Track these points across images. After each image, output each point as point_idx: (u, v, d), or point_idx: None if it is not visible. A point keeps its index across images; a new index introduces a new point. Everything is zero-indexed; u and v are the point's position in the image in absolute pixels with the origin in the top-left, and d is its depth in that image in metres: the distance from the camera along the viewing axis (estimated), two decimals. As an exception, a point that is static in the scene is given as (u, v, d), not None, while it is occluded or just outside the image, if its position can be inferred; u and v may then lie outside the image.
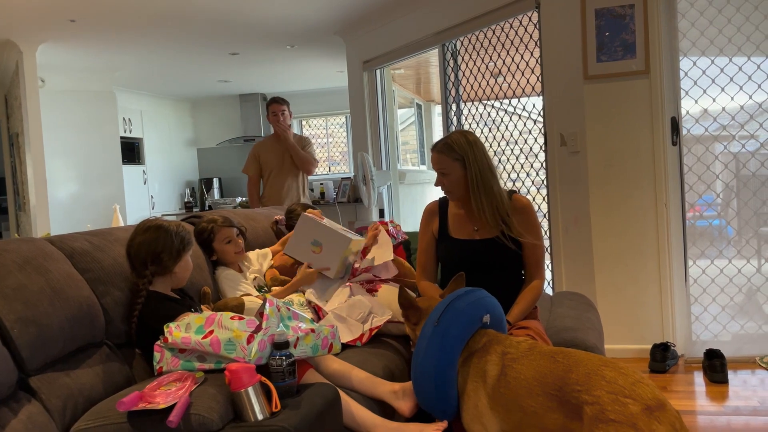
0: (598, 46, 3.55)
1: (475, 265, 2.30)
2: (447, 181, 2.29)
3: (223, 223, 2.51)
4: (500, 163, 4.47)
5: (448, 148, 2.26)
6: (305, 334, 1.78)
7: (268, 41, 5.94)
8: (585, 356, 1.64)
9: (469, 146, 2.25)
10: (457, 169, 2.26)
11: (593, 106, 3.61)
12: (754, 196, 3.56)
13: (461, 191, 2.29)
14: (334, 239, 2.55)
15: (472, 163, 2.24)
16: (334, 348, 1.87)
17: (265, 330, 1.68)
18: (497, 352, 1.76)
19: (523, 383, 1.65)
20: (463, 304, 1.86)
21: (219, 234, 2.50)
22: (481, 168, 2.24)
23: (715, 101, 3.52)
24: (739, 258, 3.60)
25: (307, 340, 1.78)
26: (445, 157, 2.27)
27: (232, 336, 1.65)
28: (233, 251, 2.52)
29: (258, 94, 8.87)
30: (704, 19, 3.44)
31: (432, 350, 1.79)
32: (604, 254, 3.66)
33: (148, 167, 8.12)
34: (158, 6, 4.67)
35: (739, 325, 3.57)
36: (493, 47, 4.33)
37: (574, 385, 1.55)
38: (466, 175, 2.25)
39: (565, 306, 2.82)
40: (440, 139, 2.34)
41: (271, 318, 1.73)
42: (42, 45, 5.41)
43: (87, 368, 1.74)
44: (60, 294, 1.68)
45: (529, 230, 2.30)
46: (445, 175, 2.28)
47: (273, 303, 1.78)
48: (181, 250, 1.98)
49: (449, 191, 2.32)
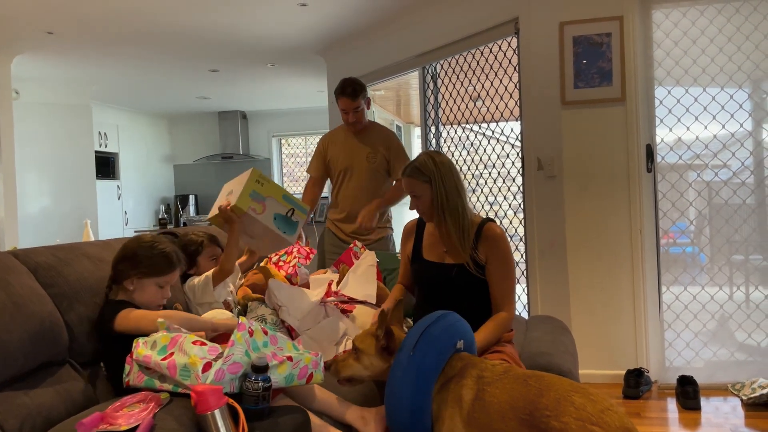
0: (576, 72, 3.60)
1: (445, 289, 2.30)
2: (419, 203, 2.31)
3: (212, 240, 2.51)
4: (478, 186, 4.48)
5: (416, 171, 2.29)
6: (279, 363, 1.68)
7: (249, 59, 5.93)
8: (557, 381, 1.63)
9: (436, 167, 2.27)
10: (427, 190, 2.27)
11: (570, 131, 3.65)
12: (726, 223, 3.61)
13: (431, 212, 2.31)
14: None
15: (438, 184, 2.25)
16: (314, 378, 1.76)
17: (226, 358, 1.59)
18: (473, 376, 1.74)
19: (497, 407, 1.64)
20: (437, 330, 1.82)
21: (207, 250, 2.48)
22: (447, 188, 2.26)
23: (689, 130, 3.57)
24: (711, 285, 3.64)
25: (281, 369, 1.68)
26: (414, 180, 2.29)
27: (188, 362, 1.58)
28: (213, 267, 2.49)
29: (237, 112, 8.84)
30: (679, 49, 3.51)
31: (408, 379, 1.75)
32: (580, 278, 3.67)
33: (122, 182, 8.02)
34: (138, 21, 4.64)
35: (711, 352, 3.60)
36: (472, 71, 4.37)
37: (543, 410, 1.54)
38: (432, 197, 2.27)
39: (540, 330, 2.81)
40: (409, 163, 2.36)
41: (238, 345, 1.63)
42: (18, 56, 5.34)
43: (47, 387, 1.67)
44: (21, 309, 1.62)
45: (497, 260, 2.26)
46: (417, 197, 2.30)
47: (244, 327, 1.69)
48: (144, 273, 1.89)
49: (422, 213, 2.34)
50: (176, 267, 1.98)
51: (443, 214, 2.26)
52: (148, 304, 1.92)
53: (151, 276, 1.91)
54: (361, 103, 3.59)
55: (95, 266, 1.98)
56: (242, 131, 8.93)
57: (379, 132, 3.77)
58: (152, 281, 1.92)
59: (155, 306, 1.95)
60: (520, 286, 4.04)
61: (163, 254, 1.94)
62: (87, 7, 4.29)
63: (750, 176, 3.59)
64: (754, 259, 3.66)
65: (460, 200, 2.27)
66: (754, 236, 3.60)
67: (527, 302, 3.92)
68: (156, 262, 1.92)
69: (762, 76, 3.50)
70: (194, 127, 9.07)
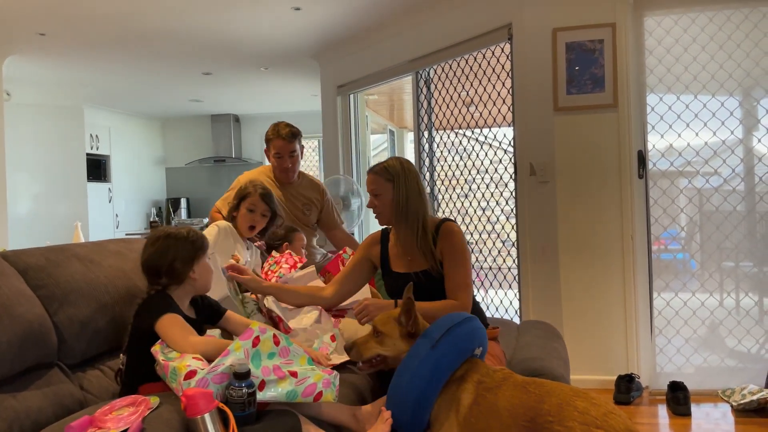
0: (568, 78, 3.61)
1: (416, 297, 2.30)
2: (378, 202, 2.34)
3: (261, 195, 2.71)
4: (471, 191, 4.49)
5: (382, 170, 2.33)
6: (280, 378, 1.61)
7: (242, 62, 5.92)
8: (557, 386, 1.63)
9: (402, 170, 2.31)
10: (388, 190, 2.31)
11: (563, 137, 3.66)
12: (717, 230, 3.63)
13: (389, 213, 2.33)
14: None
15: (401, 186, 2.29)
16: (324, 397, 1.65)
17: (213, 367, 1.55)
18: (473, 381, 1.74)
19: (495, 414, 1.63)
20: (463, 331, 1.81)
21: (250, 198, 2.69)
22: (409, 192, 2.29)
23: (681, 137, 3.59)
24: (702, 291, 3.65)
25: (282, 385, 1.61)
26: (378, 177, 2.33)
27: (177, 366, 1.58)
28: (247, 223, 2.69)
29: (230, 115, 8.82)
30: (671, 56, 3.53)
31: (423, 371, 1.73)
32: (571, 284, 3.68)
33: (114, 185, 7.98)
34: (131, 23, 4.62)
35: (702, 358, 3.61)
36: (465, 76, 4.37)
37: (546, 415, 1.54)
38: (393, 198, 2.30)
39: (531, 335, 2.81)
40: (378, 162, 2.40)
41: (232, 354, 1.59)
42: (9, 57, 5.30)
43: (36, 390, 1.65)
44: (9, 311, 1.61)
45: (450, 253, 2.26)
46: (377, 196, 2.33)
47: (249, 336, 1.63)
48: (194, 255, 1.91)
49: (379, 213, 2.36)
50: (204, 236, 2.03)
51: (401, 216, 2.29)
52: (211, 278, 1.98)
53: (202, 256, 1.94)
54: (297, 147, 3.37)
55: (85, 267, 1.97)
56: (235, 134, 8.90)
57: (311, 181, 3.56)
58: (205, 258, 1.96)
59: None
60: (512, 291, 4.04)
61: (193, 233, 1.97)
62: (79, 9, 4.27)
63: (740, 183, 3.61)
64: (744, 265, 3.68)
65: (421, 207, 2.31)
66: (744, 243, 3.61)
67: (519, 307, 3.92)
68: (198, 243, 1.95)
69: (752, 84, 3.52)
70: (187, 130, 9.04)
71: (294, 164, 3.39)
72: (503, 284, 4.38)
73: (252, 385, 1.56)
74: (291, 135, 3.34)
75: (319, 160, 9.20)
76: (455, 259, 2.26)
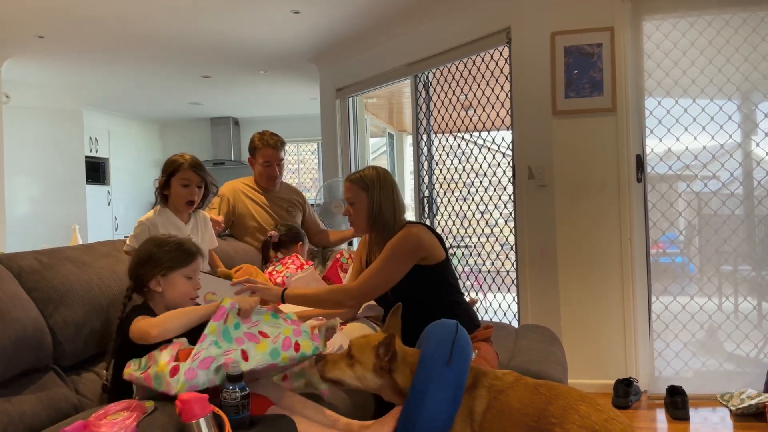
0: (567, 82, 3.61)
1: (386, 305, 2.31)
2: (353, 210, 2.35)
3: (191, 165, 2.43)
4: (469, 194, 4.48)
5: (358, 179, 2.34)
6: (256, 344, 1.61)
7: (242, 65, 5.92)
8: (566, 390, 1.65)
9: (378, 179, 2.32)
10: (363, 199, 2.31)
11: (561, 140, 3.66)
12: (716, 234, 3.62)
13: (363, 222, 2.34)
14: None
15: (376, 195, 2.30)
16: (303, 346, 1.67)
17: (195, 355, 1.55)
18: (485, 386, 1.71)
19: (507, 414, 1.64)
20: (463, 339, 1.73)
21: (181, 172, 2.42)
22: (383, 201, 2.30)
23: (679, 140, 3.59)
24: (700, 295, 3.65)
25: (261, 348, 1.60)
26: (353, 186, 2.33)
27: (158, 370, 1.57)
28: (184, 199, 2.44)
29: (230, 118, 8.83)
30: (669, 60, 3.53)
31: (446, 394, 1.63)
32: (570, 287, 3.67)
33: (113, 188, 7.97)
34: (130, 26, 4.62)
35: (700, 362, 3.60)
36: (464, 80, 4.37)
37: (550, 417, 1.57)
38: (367, 206, 2.31)
39: (529, 339, 2.81)
40: (354, 171, 2.43)
41: (209, 337, 1.59)
42: (8, 60, 5.30)
43: (30, 394, 1.65)
44: (4, 314, 1.60)
45: (384, 249, 2.24)
46: (352, 204, 2.34)
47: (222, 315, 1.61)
48: (166, 266, 1.84)
49: (353, 221, 2.38)
50: (196, 254, 1.91)
51: (375, 225, 2.30)
52: (182, 298, 1.85)
53: (175, 269, 1.85)
54: (283, 155, 3.49)
55: (79, 269, 1.96)
56: (234, 137, 8.91)
57: (289, 186, 3.71)
58: (178, 274, 1.86)
59: (188, 300, 1.87)
60: (511, 295, 4.03)
61: (179, 244, 1.89)
62: (79, 12, 4.27)
63: (739, 187, 3.61)
64: (743, 269, 3.67)
65: (395, 216, 2.31)
66: (743, 247, 3.61)
67: (517, 311, 3.91)
68: (175, 255, 1.86)
69: (751, 87, 3.52)
70: (186, 132, 9.04)
71: (281, 172, 3.51)
72: (501, 288, 4.38)
73: (245, 387, 1.56)
74: (279, 144, 3.45)
75: (318, 164, 9.20)
76: (385, 250, 2.24)
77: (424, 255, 2.25)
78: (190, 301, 1.88)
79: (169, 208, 2.49)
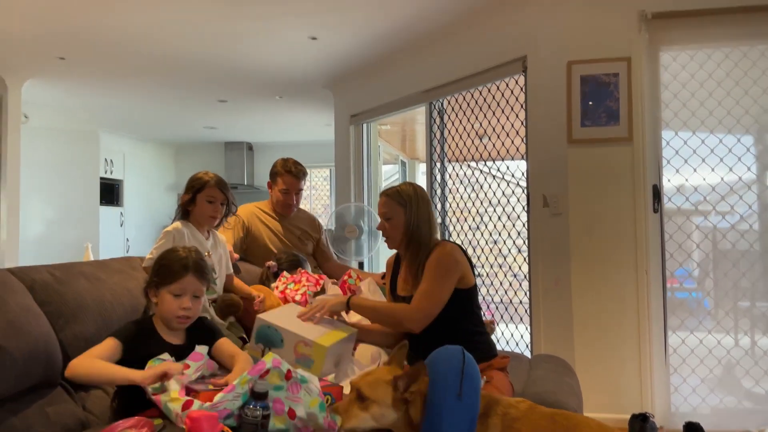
0: (583, 111, 3.60)
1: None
2: (389, 225, 2.33)
3: (217, 183, 2.52)
4: (483, 222, 4.46)
5: (395, 193, 2.33)
6: (276, 413, 1.53)
7: (258, 90, 5.98)
8: (583, 420, 1.60)
9: (415, 196, 2.32)
10: (400, 214, 2.30)
11: (576, 169, 3.63)
12: (733, 267, 3.56)
13: (399, 237, 2.32)
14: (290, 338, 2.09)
15: (414, 212, 2.29)
16: None
17: (215, 404, 1.49)
18: (498, 414, 1.67)
19: None
20: (471, 368, 1.68)
21: (207, 189, 2.49)
22: (420, 218, 2.29)
23: (696, 171, 3.56)
24: (718, 330, 3.57)
25: (278, 422, 1.53)
26: (390, 200, 2.32)
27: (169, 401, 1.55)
28: (208, 214, 2.51)
29: (244, 143, 8.89)
30: (686, 91, 3.52)
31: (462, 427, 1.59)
32: (584, 318, 3.61)
33: (126, 209, 8.02)
34: (149, 50, 4.69)
35: (718, 399, 3.51)
36: (479, 107, 4.38)
37: None
38: (405, 222, 2.29)
39: (543, 369, 2.75)
40: (390, 186, 2.40)
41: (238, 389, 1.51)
42: (29, 80, 5.39)
43: (38, 409, 1.62)
44: (16, 327, 1.58)
45: (428, 267, 2.21)
46: (388, 219, 2.33)
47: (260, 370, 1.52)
48: (157, 282, 1.82)
49: (388, 236, 2.35)
50: (186, 273, 1.83)
51: (410, 242, 2.29)
52: (169, 316, 1.81)
53: (163, 285, 1.82)
54: (303, 186, 3.48)
55: (92, 285, 1.95)
56: (248, 162, 8.96)
57: (308, 216, 3.68)
58: (166, 291, 1.82)
59: (176, 319, 1.83)
60: (523, 325, 3.97)
61: (177, 259, 1.85)
62: (100, 34, 4.34)
63: (756, 221, 3.56)
64: (761, 305, 3.60)
65: (431, 234, 2.30)
66: (760, 282, 3.54)
67: (530, 341, 3.85)
68: (166, 270, 1.83)
69: (769, 120, 3.50)
70: (200, 156, 9.11)
71: (298, 201, 3.50)
72: (514, 317, 4.32)
73: (268, 407, 1.52)
74: (302, 173, 3.44)
75: (329, 190, 9.22)
76: (429, 270, 2.21)
77: (460, 275, 2.24)
78: (176, 319, 1.83)
79: (192, 223, 2.54)
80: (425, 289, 2.19)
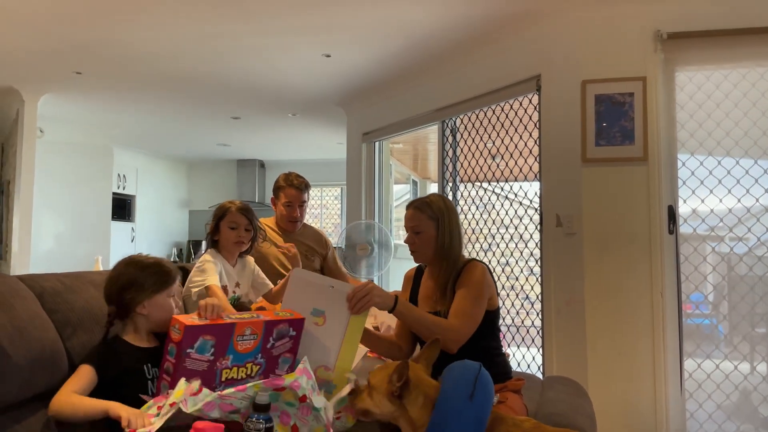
0: (597, 131, 3.58)
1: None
2: (418, 240, 2.25)
3: (238, 209, 2.56)
4: (494, 242, 4.42)
5: (425, 206, 2.25)
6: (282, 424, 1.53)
7: (271, 108, 6.01)
8: None
9: (446, 209, 2.25)
10: (431, 228, 2.23)
11: (590, 189, 3.60)
12: (751, 291, 3.49)
13: (429, 252, 2.25)
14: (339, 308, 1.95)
15: (445, 226, 2.22)
16: None
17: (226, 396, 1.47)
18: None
19: None
20: (486, 378, 1.66)
21: (229, 216, 2.53)
22: (452, 233, 2.23)
23: (713, 192, 3.51)
24: (734, 356, 3.49)
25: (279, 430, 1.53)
26: (420, 214, 2.25)
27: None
28: (233, 240, 2.53)
29: (256, 161, 8.93)
30: (702, 112, 3.49)
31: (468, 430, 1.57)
32: (598, 340, 3.54)
33: (137, 225, 8.05)
34: (165, 67, 4.73)
35: (735, 426, 3.42)
36: (492, 126, 4.37)
37: None
38: (437, 236, 2.22)
39: (556, 390, 2.69)
40: (418, 198, 2.33)
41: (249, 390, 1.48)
42: (45, 95, 5.44)
43: (42, 417, 1.59)
44: (23, 334, 1.57)
45: (463, 285, 2.16)
46: (417, 233, 2.25)
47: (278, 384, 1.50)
48: (151, 288, 1.81)
49: (417, 250, 2.28)
50: (175, 272, 1.92)
51: (443, 256, 2.22)
52: (168, 317, 1.78)
53: (161, 291, 1.83)
54: (307, 198, 3.45)
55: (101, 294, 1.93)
56: (259, 180, 9.00)
57: (316, 232, 3.61)
58: (163, 295, 1.84)
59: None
60: (535, 347, 3.91)
61: (158, 266, 1.88)
62: (116, 49, 4.38)
63: (773, 246, 3.50)
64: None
65: (460, 249, 2.25)
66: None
67: (542, 362, 3.79)
68: (158, 277, 1.85)
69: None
70: (212, 173, 9.16)
71: (302, 214, 3.46)
72: (526, 338, 4.26)
73: (270, 420, 1.49)
74: (304, 185, 3.43)
75: (340, 209, 9.21)
76: (465, 288, 2.15)
77: (490, 296, 2.20)
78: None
79: (221, 253, 2.57)
80: (464, 310, 2.12)
